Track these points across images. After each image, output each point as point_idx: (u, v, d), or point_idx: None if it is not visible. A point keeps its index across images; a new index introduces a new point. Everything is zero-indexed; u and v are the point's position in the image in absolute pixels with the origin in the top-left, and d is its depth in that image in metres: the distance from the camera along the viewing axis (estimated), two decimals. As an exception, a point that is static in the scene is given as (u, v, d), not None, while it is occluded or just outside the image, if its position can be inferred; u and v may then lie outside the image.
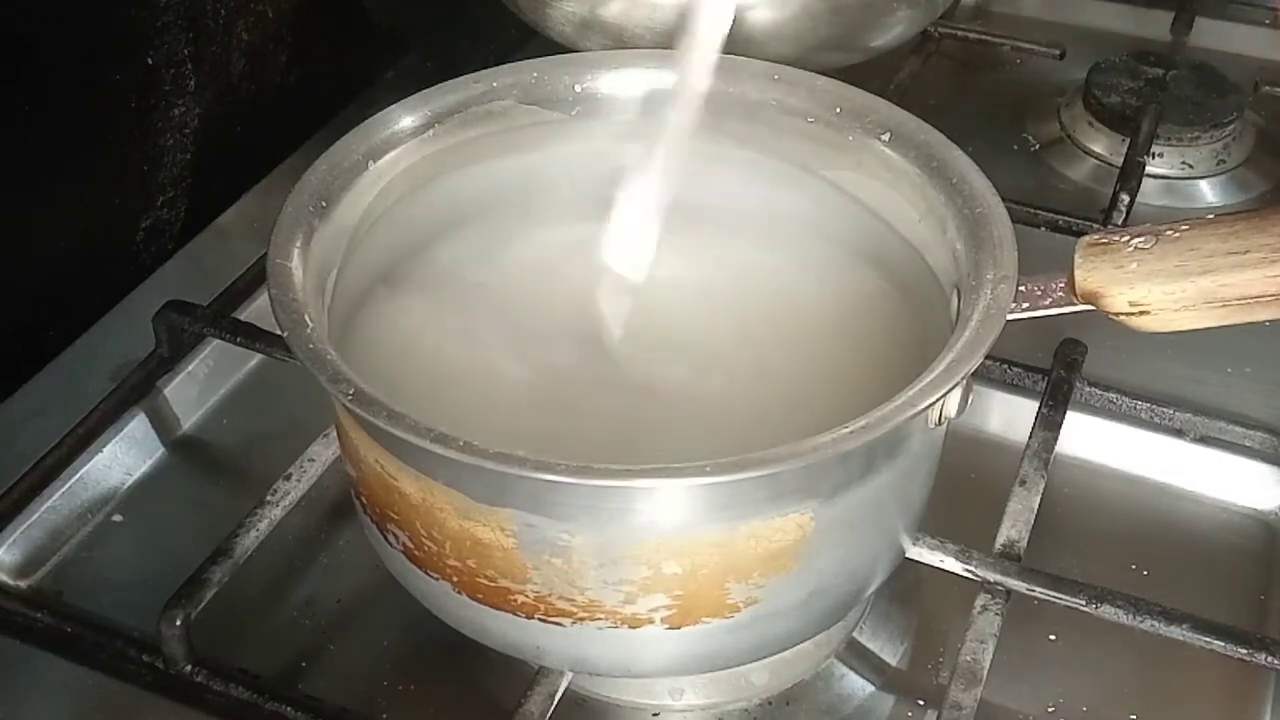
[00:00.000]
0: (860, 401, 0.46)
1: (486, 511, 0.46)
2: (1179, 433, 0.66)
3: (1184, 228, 0.47)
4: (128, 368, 0.68)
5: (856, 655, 0.59)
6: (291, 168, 0.81)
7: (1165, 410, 0.65)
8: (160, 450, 0.68)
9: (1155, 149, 0.84)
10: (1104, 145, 0.87)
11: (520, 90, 0.60)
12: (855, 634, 0.59)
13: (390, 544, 0.51)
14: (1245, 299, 0.45)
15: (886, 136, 0.57)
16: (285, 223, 0.51)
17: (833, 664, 0.58)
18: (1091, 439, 0.66)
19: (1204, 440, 0.65)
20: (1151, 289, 0.46)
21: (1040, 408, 0.63)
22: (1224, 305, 0.46)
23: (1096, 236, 0.48)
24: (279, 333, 0.47)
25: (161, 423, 0.68)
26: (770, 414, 0.55)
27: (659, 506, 0.45)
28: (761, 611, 0.48)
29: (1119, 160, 0.82)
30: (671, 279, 0.61)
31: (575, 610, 0.47)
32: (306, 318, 0.47)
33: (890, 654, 0.59)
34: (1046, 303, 0.49)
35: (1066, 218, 0.77)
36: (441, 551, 0.48)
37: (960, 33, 0.93)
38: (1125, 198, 0.77)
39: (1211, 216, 0.47)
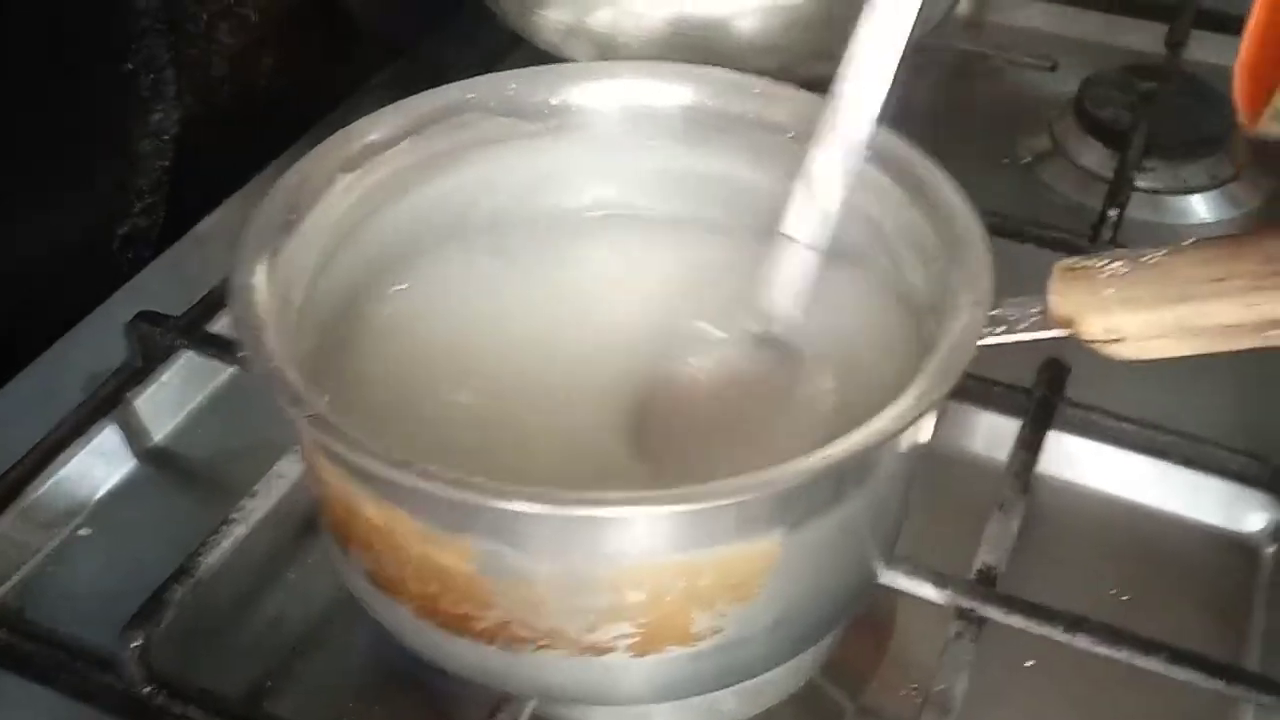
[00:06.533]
0: (836, 426, 0.45)
1: (447, 538, 0.45)
2: (1162, 454, 0.65)
3: (1161, 253, 0.46)
4: (100, 377, 0.68)
5: (830, 681, 0.58)
6: (274, 174, 0.80)
7: (1148, 431, 0.64)
8: (131, 463, 0.67)
9: (1147, 164, 0.83)
10: (1095, 159, 0.86)
11: (497, 101, 0.59)
12: (828, 659, 0.58)
13: (352, 566, 0.50)
14: (1223, 327, 0.44)
15: (866, 153, 0.56)
16: (251, 238, 0.50)
17: (805, 690, 0.57)
18: (1074, 460, 0.66)
19: (1187, 462, 0.64)
20: (1127, 316, 0.45)
21: (1021, 429, 0.62)
22: (1201, 334, 0.45)
23: (1072, 261, 0.47)
24: (242, 350, 0.46)
25: (133, 434, 0.67)
26: (749, 433, 0.55)
27: (621, 534, 0.44)
28: (727, 639, 0.47)
29: (1111, 174, 0.81)
30: (648, 292, 0.60)
31: (537, 637, 0.46)
32: (268, 336, 0.47)
33: (864, 680, 0.58)
34: (1021, 327, 0.48)
35: (1055, 233, 0.76)
36: (403, 576, 0.47)
37: (951, 44, 0.92)
38: (1114, 214, 0.76)
39: (1191, 241, 0.46)
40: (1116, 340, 0.46)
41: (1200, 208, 0.84)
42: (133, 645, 0.53)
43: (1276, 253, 0.43)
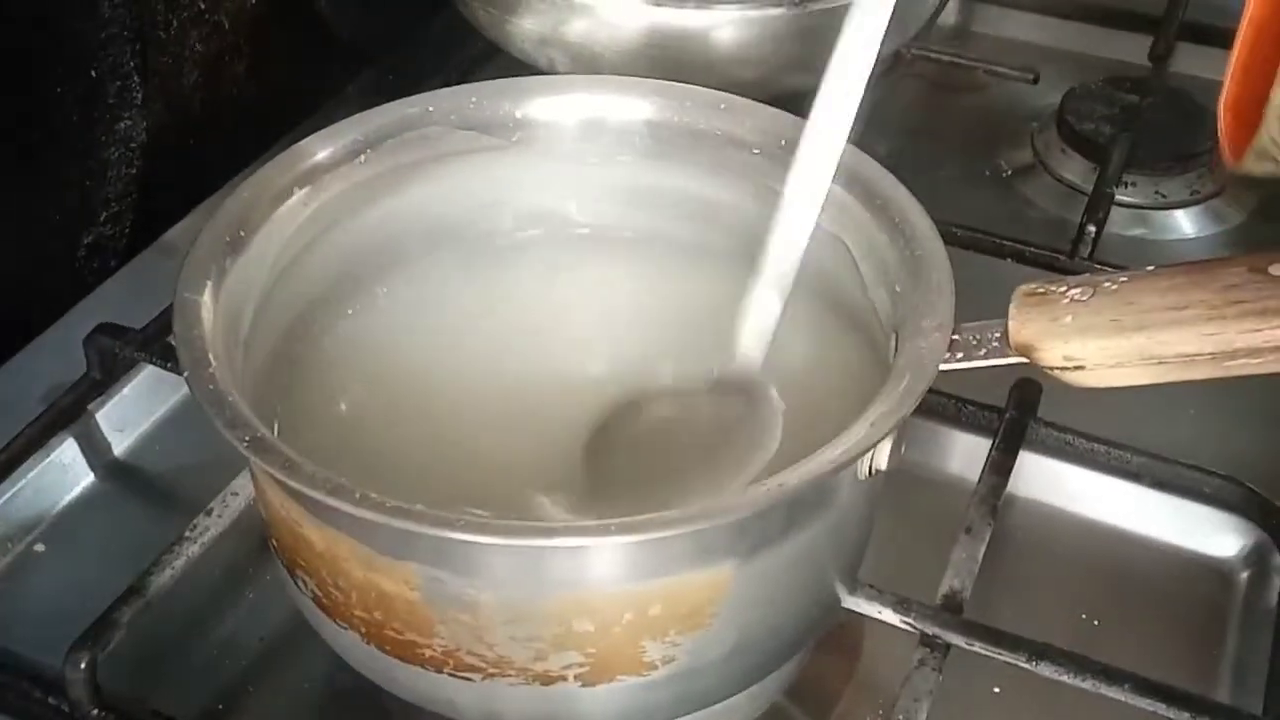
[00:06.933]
0: (798, 449, 0.44)
1: (390, 564, 0.44)
2: (1135, 476, 0.64)
3: (1122, 279, 0.45)
4: (62, 389, 0.67)
5: (796, 704, 0.57)
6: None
7: (1121, 453, 0.63)
8: (90, 477, 0.66)
9: (1128, 178, 0.82)
10: (1077, 173, 0.85)
11: (458, 115, 0.58)
12: (794, 683, 0.57)
13: (300, 590, 0.49)
14: (1182, 357, 0.43)
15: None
16: (197, 257, 0.49)
17: (770, 713, 0.57)
18: (1046, 481, 0.65)
19: (1161, 485, 0.63)
20: (1086, 344, 0.45)
21: (991, 451, 0.61)
22: (1160, 363, 0.44)
23: (1034, 286, 0.47)
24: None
25: (92, 448, 0.66)
26: (705, 458, 0.54)
27: (566, 564, 0.44)
28: (681, 669, 0.46)
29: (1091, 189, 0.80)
30: (606, 312, 0.59)
31: (485, 666, 0.46)
32: (210, 356, 0.46)
33: (830, 704, 0.58)
34: (981, 353, 0.47)
35: (1033, 249, 0.75)
36: (348, 601, 0.46)
37: (933, 55, 0.91)
38: (1092, 229, 0.75)
39: (1153, 268, 0.45)
40: (1076, 368, 0.45)
41: (1183, 223, 0.83)
42: (80, 666, 0.52)
43: (1235, 282, 0.42)
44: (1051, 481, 0.65)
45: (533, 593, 0.44)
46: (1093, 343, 0.44)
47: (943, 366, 0.46)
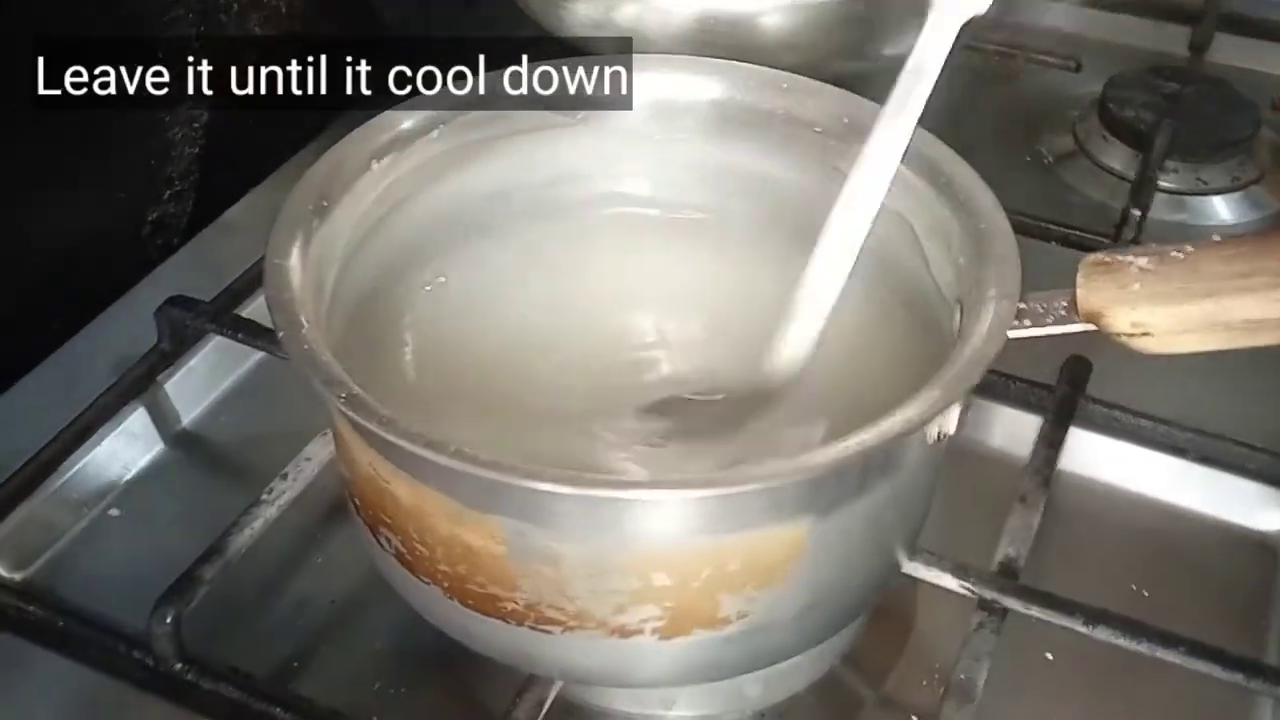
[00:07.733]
0: (862, 417, 0.45)
1: (477, 518, 0.45)
2: (1182, 451, 0.65)
3: (1189, 249, 0.46)
4: (130, 361, 0.68)
5: (852, 669, 0.59)
6: (301, 161, 0.80)
7: (1168, 429, 0.65)
8: (160, 445, 0.67)
9: (1169, 165, 0.83)
10: (1118, 160, 0.86)
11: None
12: (851, 647, 0.59)
13: (382, 547, 0.50)
14: (1249, 323, 0.45)
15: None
16: (285, 222, 0.51)
17: (828, 677, 0.58)
18: (1095, 456, 0.66)
19: (1207, 460, 0.65)
20: (1154, 310, 0.46)
21: (1044, 424, 0.63)
22: (1227, 329, 0.45)
23: (1100, 255, 0.48)
24: (277, 332, 0.47)
25: (161, 418, 0.68)
26: (771, 428, 0.55)
27: (649, 518, 0.45)
28: (754, 624, 0.48)
29: (1133, 175, 0.81)
30: (672, 291, 0.60)
31: (565, 619, 0.47)
32: (303, 319, 0.47)
33: (886, 668, 0.59)
34: (1049, 321, 0.48)
35: (1078, 233, 0.77)
36: (432, 556, 0.48)
37: (975, 43, 0.93)
38: (1136, 214, 0.76)
39: (1217, 238, 0.47)
40: (1143, 335, 0.46)
41: (1222, 209, 0.84)
42: (166, 621, 0.53)
43: (1301, 250, 0.44)
44: (1100, 456, 0.66)
45: (615, 546, 0.45)
46: (1161, 309, 0.46)
47: (1011, 334, 0.47)
